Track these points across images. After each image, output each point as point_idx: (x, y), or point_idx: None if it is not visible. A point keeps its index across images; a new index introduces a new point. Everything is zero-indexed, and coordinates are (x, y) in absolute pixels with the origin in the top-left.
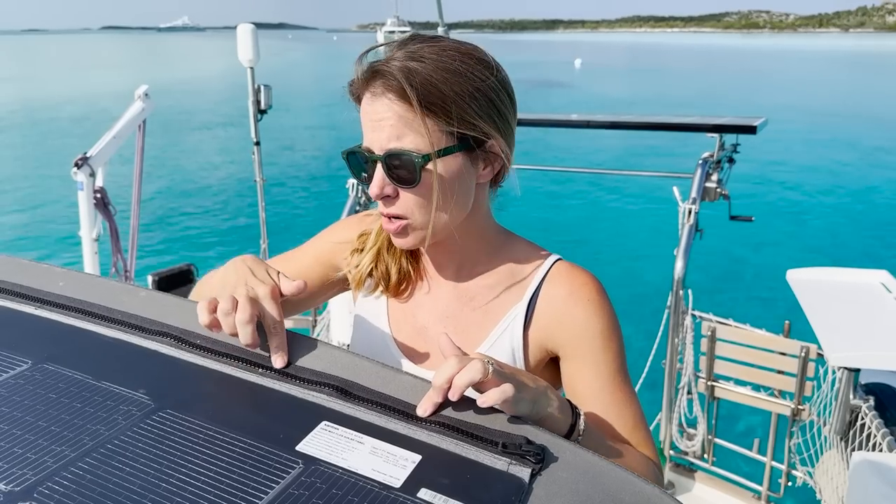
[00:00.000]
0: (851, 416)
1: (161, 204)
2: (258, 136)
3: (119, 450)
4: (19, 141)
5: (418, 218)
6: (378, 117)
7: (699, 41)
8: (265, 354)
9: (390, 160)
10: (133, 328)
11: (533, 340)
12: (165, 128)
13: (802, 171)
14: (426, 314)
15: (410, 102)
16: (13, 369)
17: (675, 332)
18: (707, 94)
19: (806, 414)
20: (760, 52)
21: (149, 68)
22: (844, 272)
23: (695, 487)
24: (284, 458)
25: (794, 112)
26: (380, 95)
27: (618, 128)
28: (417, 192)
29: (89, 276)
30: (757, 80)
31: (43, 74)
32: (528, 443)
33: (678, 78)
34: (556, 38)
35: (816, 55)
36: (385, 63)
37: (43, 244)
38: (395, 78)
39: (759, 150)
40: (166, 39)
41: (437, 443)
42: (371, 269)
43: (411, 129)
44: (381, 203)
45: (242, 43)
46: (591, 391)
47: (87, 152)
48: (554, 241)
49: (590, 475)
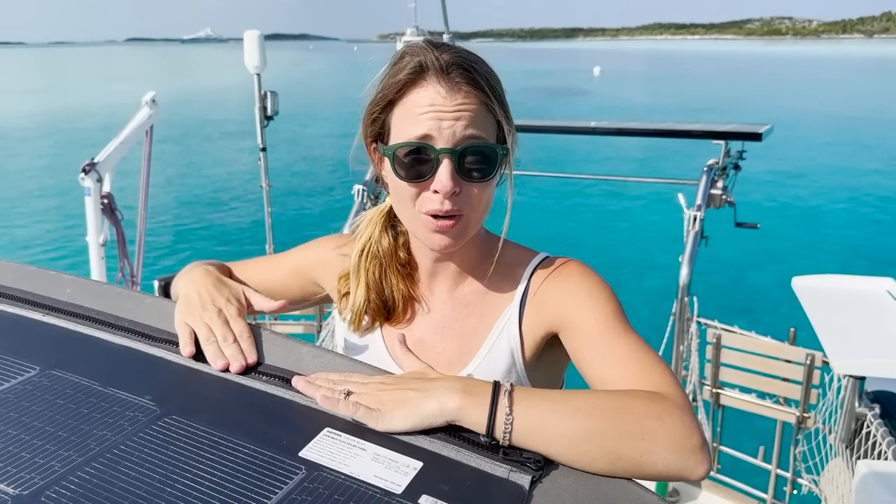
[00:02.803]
0: (857, 424)
1: (172, 210)
2: (264, 143)
3: (125, 455)
4: (41, 150)
5: (479, 213)
6: (453, 109)
7: (721, 48)
8: (269, 364)
9: (468, 152)
10: (139, 335)
11: (528, 333)
12: (182, 136)
13: (823, 178)
14: (422, 327)
15: (487, 98)
16: (21, 375)
17: (681, 338)
18: (728, 100)
19: (811, 422)
20: (783, 59)
21: (170, 79)
22: (850, 280)
23: (700, 495)
24: (287, 464)
25: (816, 119)
26: (454, 89)
27: (623, 134)
28: (487, 185)
29: (96, 283)
30: (779, 86)
31: (67, 86)
32: (528, 450)
33: (699, 85)
34: (575, 46)
35: (840, 62)
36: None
37: (64, 251)
38: (474, 72)
39: (780, 155)
40: (189, 51)
41: (438, 450)
42: (365, 306)
43: (484, 123)
44: (447, 200)
45: (249, 50)
46: (592, 348)
47: (94, 158)
48: (557, 245)
49: (590, 482)
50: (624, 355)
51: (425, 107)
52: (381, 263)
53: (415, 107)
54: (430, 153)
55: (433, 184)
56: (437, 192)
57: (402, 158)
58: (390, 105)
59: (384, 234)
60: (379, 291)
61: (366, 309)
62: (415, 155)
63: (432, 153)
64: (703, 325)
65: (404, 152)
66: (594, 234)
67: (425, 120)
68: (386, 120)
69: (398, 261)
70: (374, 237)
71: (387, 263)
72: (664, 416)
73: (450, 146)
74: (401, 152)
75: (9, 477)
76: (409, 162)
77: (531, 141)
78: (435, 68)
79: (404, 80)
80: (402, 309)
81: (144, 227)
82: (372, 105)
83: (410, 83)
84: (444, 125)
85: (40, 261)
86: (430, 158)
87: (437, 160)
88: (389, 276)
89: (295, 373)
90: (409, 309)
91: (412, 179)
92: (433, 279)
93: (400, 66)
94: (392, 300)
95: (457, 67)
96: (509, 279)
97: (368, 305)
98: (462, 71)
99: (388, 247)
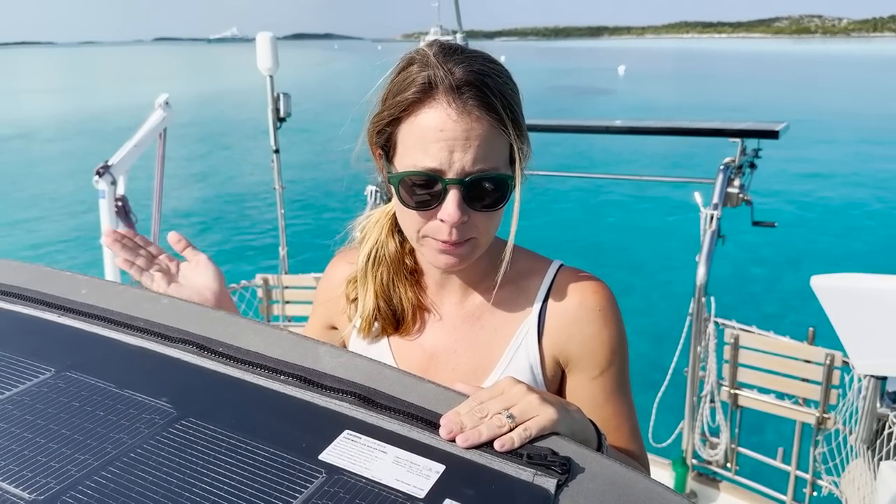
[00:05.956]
0: (878, 424)
1: (194, 212)
2: (277, 144)
3: (142, 458)
4: (67, 149)
5: (487, 237)
6: (464, 136)
7: (748, 47)
8: (288, 362)
9: (477, 183)
10: (156, 336)
11: (548, 353)
12: (204, 137)
13: (851, 177)
14: (433, 342)
15: (501, 119)
16: (37, 377)
17: (698, 339)
18: (752, 100)
19: (831, 423)
20: (812, 58)
21: (195, 78)
22: (869, 278)
23: (718, 497)
24: (307, 468)
25: (844, 118)
26: (465, 112)
27: (637, 133)
28: (496, 213)
29: (112, 283)
30: (808, 85)
31: (94, 85)
32: (553, 453)
33: (726, 84)
34: (600, 44)
35: (871, 60)
36: (472, 73)
37: (90, 252)
38: (488, 91)
39: (810, 156)
40: (215, 50)
41: (461, 453)
42: (375, 313)
43: (495, 149)
44: (454, 230)
45: (262, 52)
46: (593, 403)
47: (108, 160)
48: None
49: (617, 486)
50: (620, 420)
51: (434, 131)
52: (389, 270)
53: (423, 130)
54: (438, 183)
55: (440, 213)
56: (444, 221)
57: (409, 185)
58: (397, 121)
59: (390, 237)
60: (387, 299)
61: (375, 316)
62: (422, 184)
63: (440, 183)
64: (720, 325)
65: (411, 181)
66: (612, 235)
67: (434, 149)
68: (392, 134)
69: (405, 268)
70: (381, 240)
71: (394, 270)
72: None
73: (458, 177)
74: (407, 180)
75: (25, 481)
76: (415, 189)
77: (550, 140)
78: (445, 87)
79: (412, 99)
80: (410, 318)
81: (159, 229)
82: (377, 116)
83: (418, 102)
84: (455, 156)
85: (59, 261)
86: (437, 187)
87: (445, 190)
88: (397, 284)
89: (313, 370)
90: (417, 319)
91: (418, 208)
92: (442, 289)
93: (407, 76)
94: (401, 309)
95: (469, 87)
96: (524, 290)
97: (378, 313)
98: (475, 91)
99: (395, 252)
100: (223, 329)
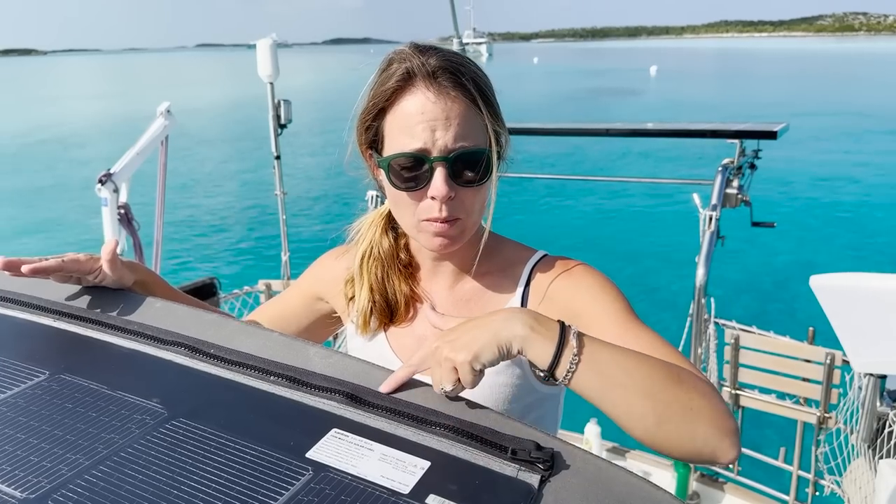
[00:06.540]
0: (879, 423)
1: (194, 217)
2: (278, 150)
3: (132, 458)
4: (107, 154)
5: (474, 216)
6: (443, 116)
7: (790, 46)
8: (279, 363)
9: (460, 159)
10: (148, 339)
11: None
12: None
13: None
14: (424, 324)
15: (474, 100)
16: (31, 380)
17: (698, 340)
18: (786, 99)
19: (832, 422)
20: (856, 56)
21: (234, 83)
22: (869, 277)
23: (721, 498)
24: (294, 465)
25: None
26: (442, 93)
27: (636, 135)
28: (480, 189)
29: (106, 287)
30: (853, 83)
31: (136, 92)
32: (537, 449)
33: (762, 83)
34: (637, 45)
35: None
36: (445, 61)
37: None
38: (460, 75)
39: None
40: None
41: (446, 449)
42: (371, 307)
43: (473, 127)
44: (444, 206)
45: (262, 59)
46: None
47: (111, 169)
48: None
49: (600, 481)
50: (650, 348)
51: (416, 115)
52: (384, 265)
53: (406, 115)
54: (425, 162)
55: (430, 191)
56: (434, 198)
57: (397, 169)
58: (382, 113)
59: (384, 236)
60: (382, 293)
61: (371, 310)
62: (410, 165)
63: (426, 162)
64: (720, 325)
65: (399, 163)
66: (612, 235)
67: (418, 130)
68: (379, 128)
69: (400, 262)
70: (375, 240)
71: (388, 265)
72: (708, 394)
73: (443, 154)
74: (396, 163)
75: (16, 481)
76: (404, 172)
77: (547, 144)
78: (422, 73)
79: (393, 88)
80: (404, 309)
81: (161, 236)
82: (364, 113)
83: (399, 90)
84: (437, 134)
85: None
86: (424, 167)
87: (432, 168)
88: (392, 277)
89: (303, 370)
90: (410, 308)
91: (408, 188)
92: (434, 277)
93: (388, 73)
94: (395, 301)
95: (443, 71)
96: (510, 275)
97: (374, 307)
98: (449, 75)
99: (389, 248)
100: (215, 331)
